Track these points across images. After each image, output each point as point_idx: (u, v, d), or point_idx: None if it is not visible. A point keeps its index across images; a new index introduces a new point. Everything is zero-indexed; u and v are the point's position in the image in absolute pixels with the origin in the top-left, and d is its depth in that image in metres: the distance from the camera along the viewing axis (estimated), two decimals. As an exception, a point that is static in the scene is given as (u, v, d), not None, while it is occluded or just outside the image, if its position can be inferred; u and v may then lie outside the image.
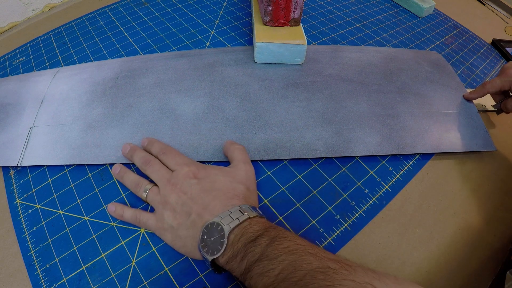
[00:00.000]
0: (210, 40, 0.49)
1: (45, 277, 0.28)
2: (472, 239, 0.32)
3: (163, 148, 0.33)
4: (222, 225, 0.25)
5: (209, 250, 0.25)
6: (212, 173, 0.30)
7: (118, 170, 0.33)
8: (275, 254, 0.23)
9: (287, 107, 0.39)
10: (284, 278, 0.22)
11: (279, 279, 0.22)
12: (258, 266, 0.23)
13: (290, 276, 0.22)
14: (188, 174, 0.29)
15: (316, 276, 0.22)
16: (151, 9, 0.56)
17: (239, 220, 0.25)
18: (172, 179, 0.29)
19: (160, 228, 0.29)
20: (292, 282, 0.22)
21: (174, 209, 0.28)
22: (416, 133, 0.38)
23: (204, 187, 0.28)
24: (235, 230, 0.25)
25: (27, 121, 0.38)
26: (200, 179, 0.29)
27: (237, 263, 0.24)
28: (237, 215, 0.26)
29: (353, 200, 0.33)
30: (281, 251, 0.23)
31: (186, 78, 0.42)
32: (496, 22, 0.61)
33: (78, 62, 0.46)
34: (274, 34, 0.42)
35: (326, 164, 0.36)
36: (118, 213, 0.30)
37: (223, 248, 0.24)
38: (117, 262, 0.29)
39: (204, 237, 0.26)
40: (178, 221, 0.27)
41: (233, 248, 0.25)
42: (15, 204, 0.33)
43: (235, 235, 0.25)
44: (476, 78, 0.48)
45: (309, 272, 0.22)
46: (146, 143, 0.34)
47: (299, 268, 0.22)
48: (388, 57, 0.47)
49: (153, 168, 0.31)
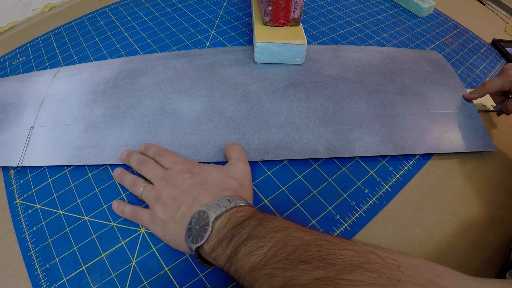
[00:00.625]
0: (210, 40, 0.49)
1: (45, 277, 0.28)
2: (472, 239, 0.32)
3: (160, 150, 0.33)
4: (208, 212, 0.25)
5: (194, 238, 0.25)
6: (206, 169, 0.30)
7: (118, 172, 0.33)
8: (263, 233, 0.22)
9: (287, 108, 0.39)
10: (274, 255, 0.21)
11: (268, 256, 0.21)
12: (245, 246, 0.22)
13: (280, 252, 0.21)
14: (182, 170, 0.30)
15: (309, 248, 0.20)
16: (151, 9, 0.56)
17: (226, 208, 0.25)
18: (166, 175, 0.30)
19: (153, 223, 0.29)
20: (283, 257, 0.20)
21: (165, 203, 0.28)
22: (416, 134, 0.38)
23: (196, 181, 0.29)
24: (222, 217, 0.25)
25: (27, 121, 0.38)
26: (194, 174, 0.30)
27: (223, 248, 0.23)
28: (225, 203, 0.26)
29: (353, 200, 0.33)
30: (270, 230, 0.22)
31: (186, 78, 0.42)
32: (496, 22, 0.61)
33: (78, 62, 0.46)
34: (274, 34, 0.42)
35: (326, 164, 0.36)
36: (120, 209, 0.31)
37: (207, 234, 0.24)
38: (117, 262, 0.29)
39: (190, 226, 0.25)
40: (168, 214, 0.28)
41: (219, 234, 0.24)
42: (15, 204, 0.33)
43: (221, 221, 0.24)
44: (476, 78, 0.48)
45: (301, 246, 0.21)
46: (143, 148, 0.34)
47: (290, 244, 0.21)
48: (388, 57, 0.47)
49: (148, 167, 0.31)
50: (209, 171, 0.30)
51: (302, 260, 0.20)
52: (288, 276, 0.20)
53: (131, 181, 0.32)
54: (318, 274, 0.19)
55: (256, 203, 0.32)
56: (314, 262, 0.20)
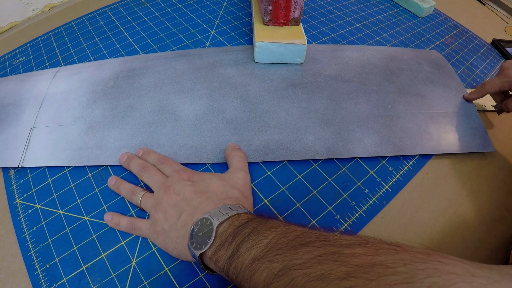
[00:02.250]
0: (210, 40, 0.49)
1: (45, 277, 0.28)
2: (472, 239, 0.32)
3: (160, 158, 0.33)
4: (211, 219, 0.25)
5: (197, 245, 0.24)
6: (207, 177, 0.30)
7: (114, 181, 0.33)
8: (265, 229, 0.22)
9: (287, 108, 0.39)
10: (274, 244, 0.21)
11: (269, 247, 0.21)
12: (246, 242, 0.22)
13: (280, 242, 0.21)
14: (182, 177, 0.30)
15: (310, 235, 0.21)
16: (151, 9, 0.56)
17: (228, 215, 0.25)
18: (166, 183, 0.30)
19: (153, 232, 0.29)
20: (283, 245, 0.21)
21: (165, 211, 0.28)
22: (415, 134, 0.38)
23: (197, 189, 0.29)
24: (224, 223, 0.25)
25: (27, 121, 0.38)
26: (194, 182, 0.29)
27: (225, 249, 0.23)
28: (227, 211, 0.26)
29: (353, 200, 0.33)
30: (271, 226, 0.23)
31: (186, 78, 0.42)
32: (496, 22, 0.61)
33: (78, 62, 0.46)
34: (274, 34, 0.42)
35: (326, 164, 0.36)
36: (115, 222, 0.30)
37: (211, 241, 0.24)
38: (117, 262, 0.29)
39: (192, 234, 0.25)
40: (169, 222, 0.27)
41: (221, 238, 0.24)
42: (15, 204, 0.33)
43: (223, 226, 0.25)
44: (476, 78, 0.48)
45: (302, 234, 0.21)
46: (141, 153, 0.34)
47: (290, 234, 0.21)
48: (388, 57, 0.47)
49: (150, 173, 0.31)
50: (209, 179, 0.30)
51: (302, 244, 0.20)
52: (288, 258, 0.20)
53: (129, 190, 0.32)
54: (318, 252, 0.19)
55: (256, 203, 0.32)
56: (314, 244, 0.20)
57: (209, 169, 0.35)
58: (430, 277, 0.16)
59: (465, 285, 0.15)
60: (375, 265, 0.17)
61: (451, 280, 0.15)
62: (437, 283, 0.15)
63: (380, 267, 0.17)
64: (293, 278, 0.19)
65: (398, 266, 0.17)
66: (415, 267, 0.17)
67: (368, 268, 0.17)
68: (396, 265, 0.17)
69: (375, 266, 0.17)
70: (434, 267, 0.16)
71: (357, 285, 0.17)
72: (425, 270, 0.16)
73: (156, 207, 0.29)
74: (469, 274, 0.16)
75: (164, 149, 0.35)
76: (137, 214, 0.32)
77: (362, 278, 0.17)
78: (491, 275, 0.16)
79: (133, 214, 0.32)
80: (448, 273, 0.16)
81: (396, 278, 0.16)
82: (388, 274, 0.17)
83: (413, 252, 0.18)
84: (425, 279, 0.16)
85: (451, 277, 0.15)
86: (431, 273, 0.16)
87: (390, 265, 0.17)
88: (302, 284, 0.18)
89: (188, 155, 0.35)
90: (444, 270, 0.16)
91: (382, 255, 0.18)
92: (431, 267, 0.16)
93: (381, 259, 0.18)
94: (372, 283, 0.16)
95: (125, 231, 0.30)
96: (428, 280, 0.16)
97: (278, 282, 0.19)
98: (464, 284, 0.15)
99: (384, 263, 0.17)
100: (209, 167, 0.35)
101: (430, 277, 0.16)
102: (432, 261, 0.17)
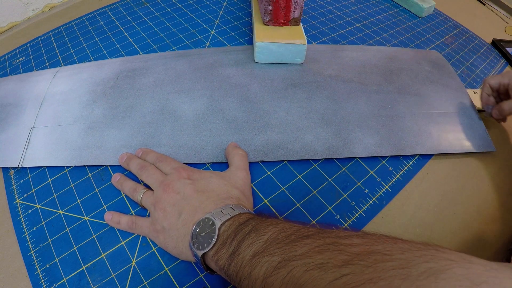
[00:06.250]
0: (210, 40, 0.49)
1: (45, 277, 0.28)
2: (472, 239, 0.32)
3: (159, 156, 0.33)
4: (213, 219, 0.25)
5: (200, 245, 0.24)
6: (207, 176, 0.30)
7: (118, 178, 0.33)
8: (265, 226, 0.23)
9: (287, 108, 0.39)
10: (274, 239, 0.21)
11: (269, 242, 0.21)
12: (247, 239, 0.22)
13: (280, 236, 0.21)
14: (182, 175, 0.30)
15: (310, 229, 0.21)
16: (151, 9, 0.56)
17: (230, 215, 0.25)
18: (165, 181, 0.30)
19: (153, 230, 0.28)
20: (283, 239, 0.21)
21: (165, 209, 0.28)
22: (416, 134, 0.38)
23: (197, 188, 0.28)
24: (226, 223, 0.25)
25: (27, 121, 0.38)
26: (194, 180, 0.29)
27: (226, 247, 0.23)
28: (229, 211, 0.26)
29: (353, 200, 0.33)
30: (272, 223, 0.23)
31: (186, 78, 0.42)
32: (496, 22, 0.61)
33: (78, 62, 0.46)
34: (274, 34, 0.42)
35: (326, 164, 0.36)
36: (115, 221, 0.30)
37: (213, 241, 0.24)
38: (117, 262, 0.29)
39: (194, 234, 0.25)
40: (169, 221, 0.27)
41: (223, 237, 0.24)
42: (15, 204, 0.33)
43: (225, 226, 0.25)
44: (476, 78, 0.48)
45: (302, 228, 0.21)
46: (141, 153, 0.34)
47: (289, 229, 0.22)
48: (388, 57, 0.47)
49: (148, 172, 0.31)
50: (209, 177, 0.30)
51: (301, 237, 0.21)
52: (287, 251, 0.20)
53: (131, 188, 0.32)
54: (317, 244, 0.20)
55: (256, 203, 0.32)
56: (314, 236, 0.20)
57: (209, 169, 0.35)
58: (427, 262, 0.16)
59: (462, 270, 0.15)
60: (373, 253, 0.18)
61: (448, 265, 0.15)
62: (433, 268, 0.15)
63: (378, 255, 0.17)
64: (292, 269, 0.19)
65: (396, 253, 0.17)
66: (412, 254, 0.17)
67: (365, 256, 0.18)
68: (393, 252, 0.17)
69: (372, 253, 0.18)
70: (431, 254, 0.16)
71: (354, 272, 0.17)
72: (422, 257, 0.16)
73: (155, 206, 0.28)
74: (466, 261, 0.16)
75: (164, 149, 0.35)
76: (137, 214, 0.32)
77: (359, 265, 0.17)
78: (488, 263, 0.16)
79: (133, 214, 0.32)
80: (445, 259, 0.16)
81: (393, 264, 0.16)
82: (385, 260, 0.17)
83: (411, 242, 0.18)
84: (421, 264, 0.16)
85: (447, 263, 0.16)
86: (428, 259, 0.16)
87: (388, 253, 0.17)
88: (300, 274, 0.18)
89: (188, 155, 0.35)
90: (441, 257, 0.16)
91: (380, 245, 0.18)
92: (428, 254, 0.17)
93: (379, 248, 0.18)
94: (369, 269, 0.17)
95: (126, 230, 0.30)
96: (424, 265, 0.16)
97: (277, 274, 0.19)
98: (460, 269, 0.15)
99: (382, 251, 0.18)
100: (209, 167, 0.35)
101: (427, 262, 0.16)
102: (429, 249, 0.17)
